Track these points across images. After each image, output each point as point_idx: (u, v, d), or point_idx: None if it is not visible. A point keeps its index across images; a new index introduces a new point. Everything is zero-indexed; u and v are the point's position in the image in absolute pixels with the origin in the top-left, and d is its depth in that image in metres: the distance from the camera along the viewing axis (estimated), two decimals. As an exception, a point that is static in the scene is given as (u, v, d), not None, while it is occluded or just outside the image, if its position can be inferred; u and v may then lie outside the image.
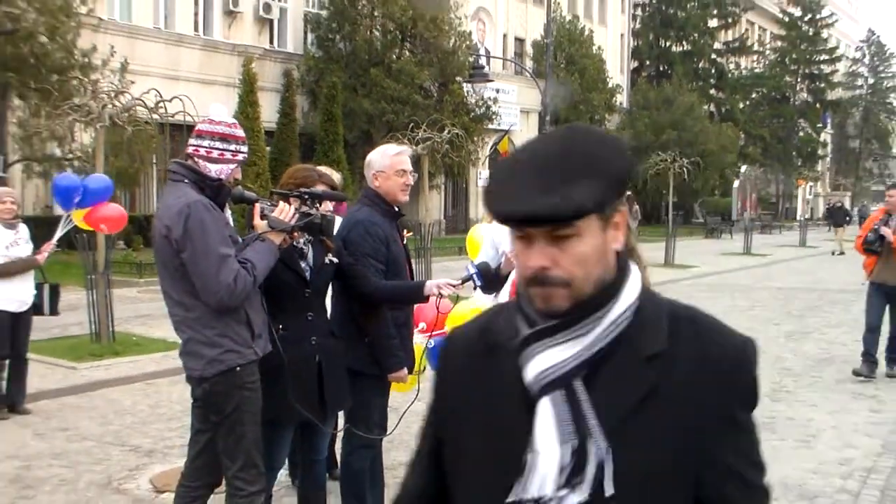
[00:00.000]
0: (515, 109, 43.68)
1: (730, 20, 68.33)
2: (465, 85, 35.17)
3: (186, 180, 4.95)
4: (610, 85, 51.34)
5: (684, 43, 64.65)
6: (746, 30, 74.34)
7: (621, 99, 56.50)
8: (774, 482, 7.04)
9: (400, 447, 8.38)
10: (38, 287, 9.91)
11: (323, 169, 6.34)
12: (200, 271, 4.80)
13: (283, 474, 6.81)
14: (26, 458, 3.92)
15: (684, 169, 30.93)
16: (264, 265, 4.99)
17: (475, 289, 6.06)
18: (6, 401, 9.64)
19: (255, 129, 22.63)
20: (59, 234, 10.70)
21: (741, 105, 69.05)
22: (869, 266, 12.25)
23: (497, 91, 39.11)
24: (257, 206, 5.12)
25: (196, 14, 34.61)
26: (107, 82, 22.29)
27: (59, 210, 15.82)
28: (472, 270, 5.77)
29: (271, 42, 37.13)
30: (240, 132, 5.10)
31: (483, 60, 39.76)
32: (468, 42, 37.51)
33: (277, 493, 6.50)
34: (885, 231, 11.78)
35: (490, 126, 38.76)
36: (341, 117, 26.78)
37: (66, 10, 23.91)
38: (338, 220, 6.41)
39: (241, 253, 4.93)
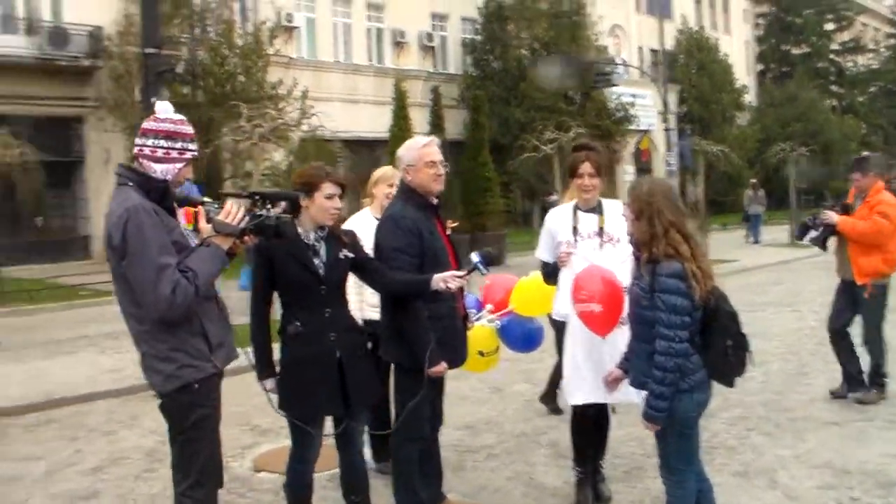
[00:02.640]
0: (653, 112, 43.15)
1: (844, 23, 65.96)
2: (605, 91, 35.01)
3: (130, 183, 4.22)
4: (736, 86, 50.22)
5: (804, 46, 62.84)
6: (860, 31, 71.41)
7: (749, 98, 55.21)
8: (851, 468, 6.76)
9: (486, 431, 8.24)
10: None
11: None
12: (138, 282, 4.07)
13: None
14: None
15: (803, 157, 30.20)
16: (207, 273, 4.16)
17: (483, 276, 5.56)
18: None
19: (408, 138, 22.90)
20: None
21: (860, 98, 66.51)
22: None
23: (633, 96, 38.85)
24: (202, 208, 4.32)
25: (369, 47, 35.62)
26: (292, 109, 23.58)
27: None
28: (476, 260, 5.24)
29: (435, 66, 37.85)
30: (187, 129, 4.35)
31: (621, 70, 39.73)
32: (605, 55, 37.36)
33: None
34: (829, 215, 8.84)
35: (630, 127, 38.47)
36: (487, 125, 26.84)
37: (257, 51, 24.89)
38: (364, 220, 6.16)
39: (185, 260, 4.14)
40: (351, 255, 5.12)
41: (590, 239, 5.98)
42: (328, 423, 5.28)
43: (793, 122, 48.97)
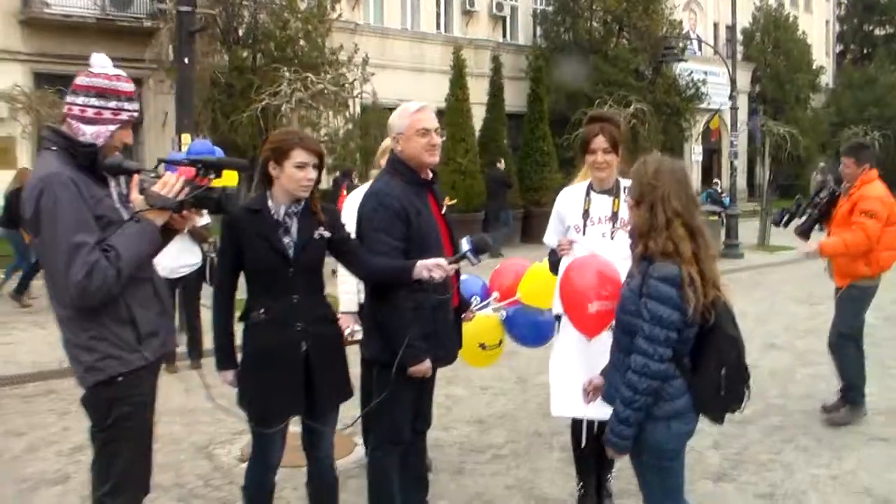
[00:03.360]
0: (726, 90, 41.66)
1: (933, 2, 63.26)
2: (675, 68, 33.77)
3: (54, 147, 3.70)
4: (814, 67, 48.34)
5: (887, 26, 60.35)
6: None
7: (826, 80, 53.18)
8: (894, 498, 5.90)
9: (497, 427, 7.60)
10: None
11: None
12: (49, 263, 3.58)
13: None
14: (160, 413, 3.60)
15: (876, 142, 28.84)
16: (134, 253, 3.58)
17: (473, 265, 4.62)
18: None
19: (465, 108, 22.15)
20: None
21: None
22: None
23: (706, 73, 37.48)
24: (136, 177, 3.73)
25: (438, 14, 34.70)
26: (351, 75, 23.02)
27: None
28: (466, 247, 4.53)
29: (504, 36, 36.77)
30: (124, 85, 3.79)
31: (694, 45, 38.49)
32: (679, 30, 36.03)
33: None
34: (809, 247, 7.55)
35: (701, 106, 37.15)
36: (546, 97, 25.80)
37: (319, 16, 24.39)
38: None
39: (109, 238, 3.56)
40: (327, 234, 4.45)
41: (600, 224, 5.24)
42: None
43: (870, 105, 47.01)
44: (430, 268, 4.38)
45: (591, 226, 5.25)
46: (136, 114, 3.84)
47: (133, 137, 4.00)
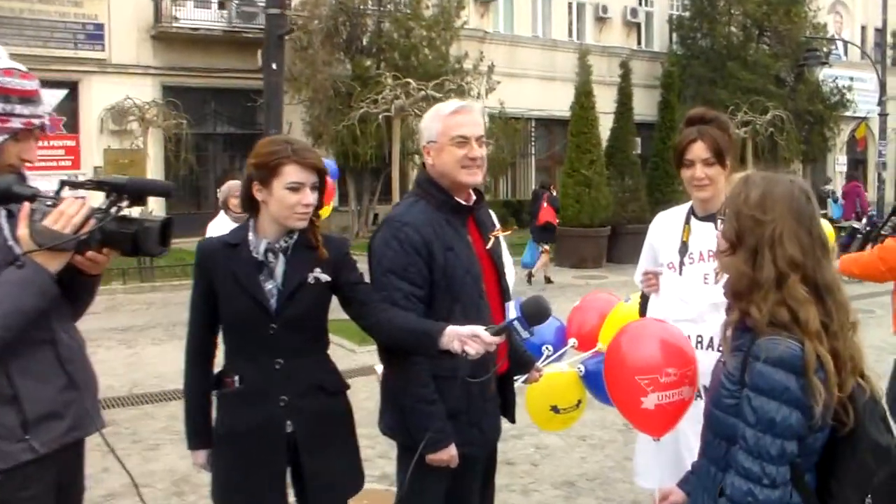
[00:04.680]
0: (874, 97, 39.19)
1: None
2: (818, 73, 31.76)
3: None
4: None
5: None
6: None
7: None
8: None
9: (586, 495, 6.35)
10: None
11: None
12: None
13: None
14: None
15: None
16: (13, 308, 2.63)
17: (523, 340, 3.24)
18: None
19: (591, 117, 20.86)
20: None
21: None
22: None
23: (851, 79, 35.14)
24: (25, 206, 2.69)
25: (570, 22, 33.48)
26: (477, 84, 22.14)
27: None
28: (514, 315, 3.26)
29: (639, 43, 35.32)
30: (17, 83, 2.78)
31: (840, 49, 36.34)
32: (823, 33, 33.87)
33: None
34: None
35: (846, 113, 34.90)
36: (677, 105, 24.12)
37: (443, 24, 23.63)
38: None
39: None
40: (325, 277, 3.37)
41: (703, 262, 3.91)
42: None
43: None
44: (464, 338, 3.11)
45: (689, 264, 3.96)
46: (37, 121, 2.84)
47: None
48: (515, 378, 4.04)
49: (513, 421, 3.94)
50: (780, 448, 2.41)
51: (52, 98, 3.01)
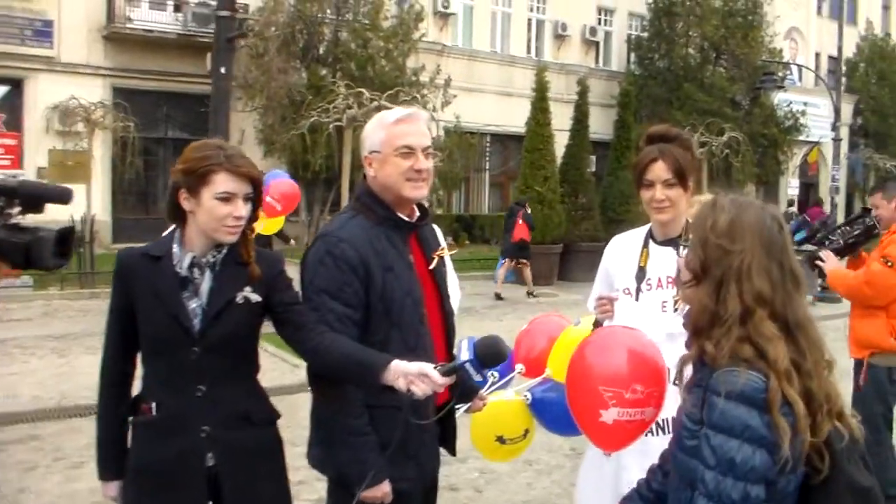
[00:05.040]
0: (826, 122, 39.54)
1: None
2: (774, 97, 31.96)
3: None
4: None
5: None
6: None
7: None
8: None
9: None
10: None
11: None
12: None
13: None
14: None
15: None
16: None
17: (476, 383, 3.04)
18: None
19: (546, 134, 20.70)
20: None
21: None
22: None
23: (805, 104, 35.42)
24: None
25: (529, 39, 33.48)
26: (432, 96, 21.91)
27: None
28: (465, 357, 2.84)
29: (597, 62, 35.31)
30: None
31: (795, 74, 36.70)
32: (779, 58, 34.12)
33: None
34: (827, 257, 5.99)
35: (800, 137, 35.13)
36: (634, 125, 24.00)
37: (401, 35, 23.49)
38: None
39: None
40: (256, 297, 3.04)
41: (661, 289, 3.63)
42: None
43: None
44: (411, 376, 2.78)
45: (646, 290, 3.67)
46: None
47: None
48: (458, 406, 3.69)
49: (453, 453, 3.64)
50: (743, 492, 2.14)
51: None
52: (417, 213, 3.38)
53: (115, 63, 23.97)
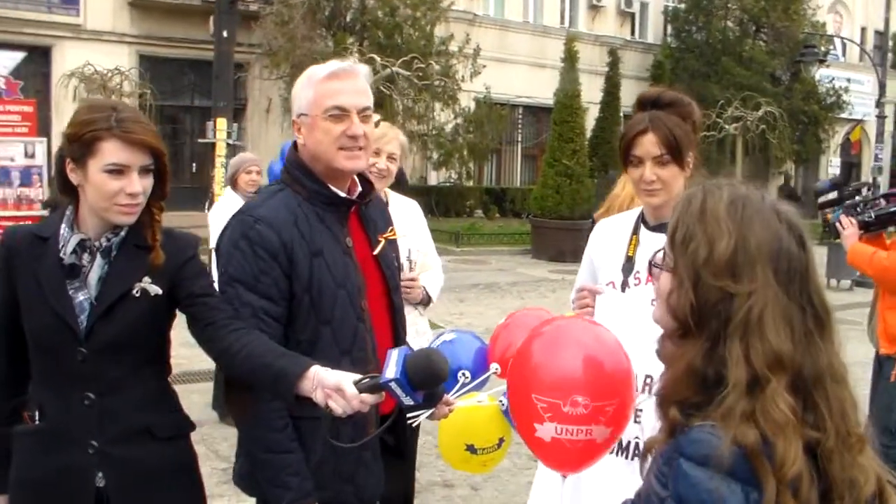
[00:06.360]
0: (871, 100, 38.54)
1: None
2: (815, 72, 31.15)
3: None
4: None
5: None
6: None
7: None
8: None
9: None
10: None
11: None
12: None
13: None
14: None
15: None
16: None
17: (404, 406, 2.27)
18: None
19: (574, 105, 20.07)
20: None
21: None
22: None
23: (849, 80, 34.51)
24: None
25: (562, 9, 32.64)
26: (460, 66, 21.46)
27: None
28: (392, 374, 2.17)
29: (632, 33, 34.48)
30: None
31: (838, 49, 35.76)
32: (822, 31, 33.22)
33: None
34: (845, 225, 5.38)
35: (842, 115, 34.27)
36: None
37: (429, 4, 22.97)
38: None
39: None
40: (156, 289, 2.54)
41: (651, 283, 3.09)
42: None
43: None
44: (329, 391, 2.24)
45: (635, 285, 3.04)
46: None
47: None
48: (416, 414, 3.15)
49: (406, 461, 3.18)
50: None
51: (8, 61, 2.23)
52: (359, 189, 2.89)
53: (140, 30, 23.69)
